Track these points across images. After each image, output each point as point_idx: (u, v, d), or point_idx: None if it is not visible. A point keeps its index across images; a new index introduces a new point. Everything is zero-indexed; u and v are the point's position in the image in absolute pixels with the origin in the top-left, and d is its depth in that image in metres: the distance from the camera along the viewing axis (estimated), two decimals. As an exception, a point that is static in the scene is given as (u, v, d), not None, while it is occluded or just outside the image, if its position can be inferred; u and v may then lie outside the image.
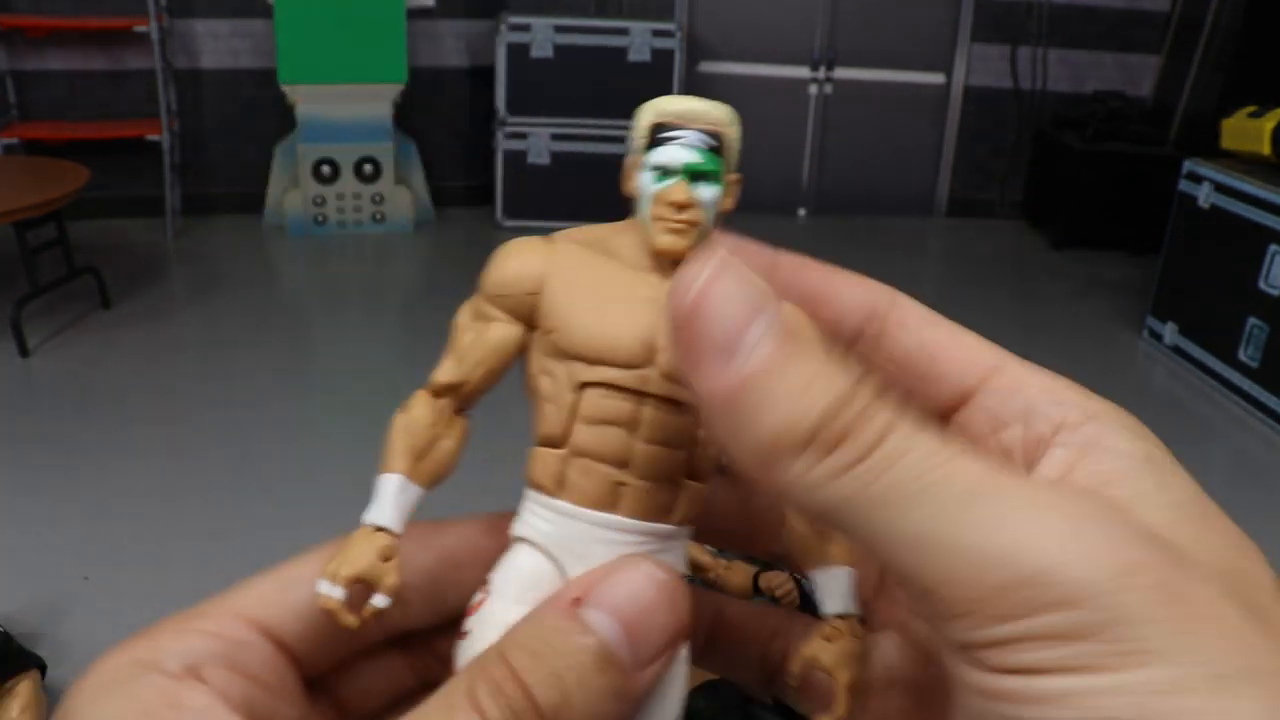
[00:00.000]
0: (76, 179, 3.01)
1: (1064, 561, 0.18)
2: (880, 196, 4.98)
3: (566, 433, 0.25)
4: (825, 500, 0.19)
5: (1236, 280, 2.99)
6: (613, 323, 0.25)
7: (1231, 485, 2.65)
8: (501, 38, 4.12)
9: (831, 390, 0.19)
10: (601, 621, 0.22)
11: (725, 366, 0.20)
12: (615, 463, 0.25)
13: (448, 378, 0.26)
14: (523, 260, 0.26)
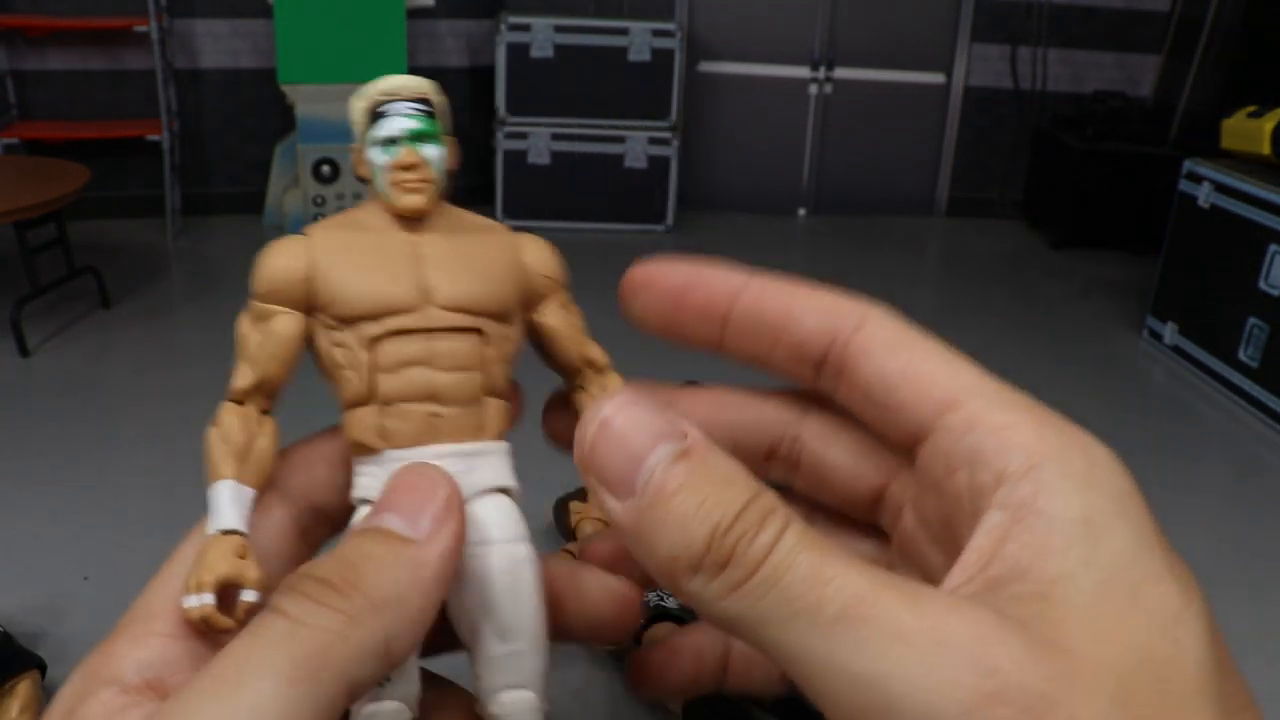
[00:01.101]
0: (76, 179, 3.01)
1: (910, 693, 0.19)
2: (880, 196, 4.98)
3: (373, 387, 0.27)
4: (722, 614, 0.21)
5: (1236, 280, 2.99)
6: (383, 278, 0.27)
7: (1231, 485, 2.65)
8: (501, 38, 4.12)
9: (718, 513, 0.21)
10: (374, 518, 0.24)
11: (625, 500, 0.22)
12: (424, 398, 0.27)
13: (245, 381, 0.27)
14: (284, 255, 0.27)
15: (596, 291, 2.23)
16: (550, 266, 0.30)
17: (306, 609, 0.21)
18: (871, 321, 0.26)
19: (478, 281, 0.28)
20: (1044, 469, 0.22)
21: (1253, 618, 2.04)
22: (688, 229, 4.50)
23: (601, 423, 0.23)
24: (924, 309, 4.04)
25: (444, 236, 0.28)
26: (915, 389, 0.24)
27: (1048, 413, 0.24)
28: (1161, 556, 0.21)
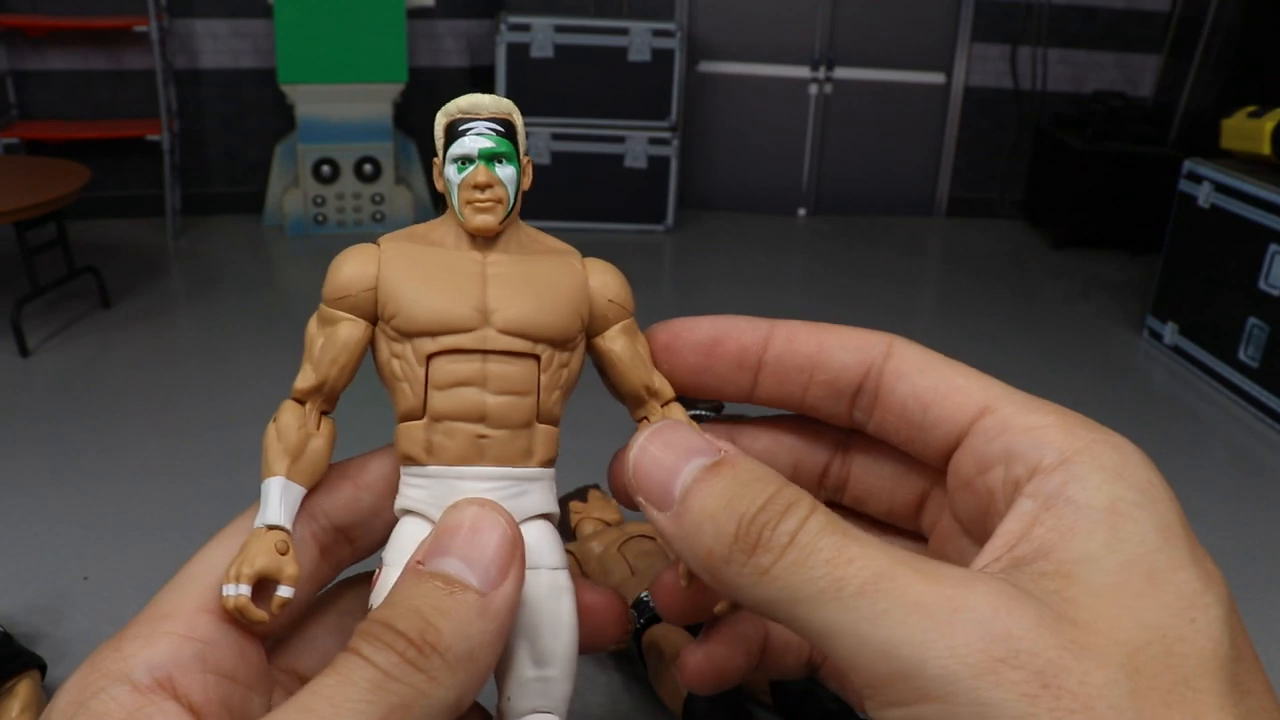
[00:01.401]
0: (76, 179, 3.01)
1: (927, 658, 0.20)
2: (880, 196, 4.99)
3: (423, 403, 0.27)
4: (757, 598, 0.23)
5: (1236, 280, 2.99)
6: (445, 296, 0.27)
7: (1231, 485, 2.65)
8: (501, 38, 4.12)
9: (744, 505, 0.23)
10: (443, 563, 0.24)
11: (665, 512, 0.24)
12: (473, 419, 0.27)
13: (307, 382, 0.27)
14: (355, 263, 0.28)
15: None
16: (618, 292, 0.31)
17: (393, 663, 0.23)
18: (898, 347, 0.28)
19: (540, 306, 0.28)
20: (1075, 463, 0.23)
21: (1253, 617, 2.04)
22: (688, 229, 4.50)
23: (642, 445, 0.25)
24: (924, 309, 4.04)
25: (512, 257, 0.28)
26: (949, 401, 0.26)
27: (1078, 416, 0.25)
28: (1184, 545, 0.23)
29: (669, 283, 4.20)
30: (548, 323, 0.28)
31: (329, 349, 0.27)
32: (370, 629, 0.23)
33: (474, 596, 0.24)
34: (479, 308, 0.27)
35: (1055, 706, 0.19)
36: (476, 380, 0.27)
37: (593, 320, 0.30)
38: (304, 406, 0.28)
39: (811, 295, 4.02)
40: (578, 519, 1.83)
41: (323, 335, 0.28)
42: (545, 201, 4.35)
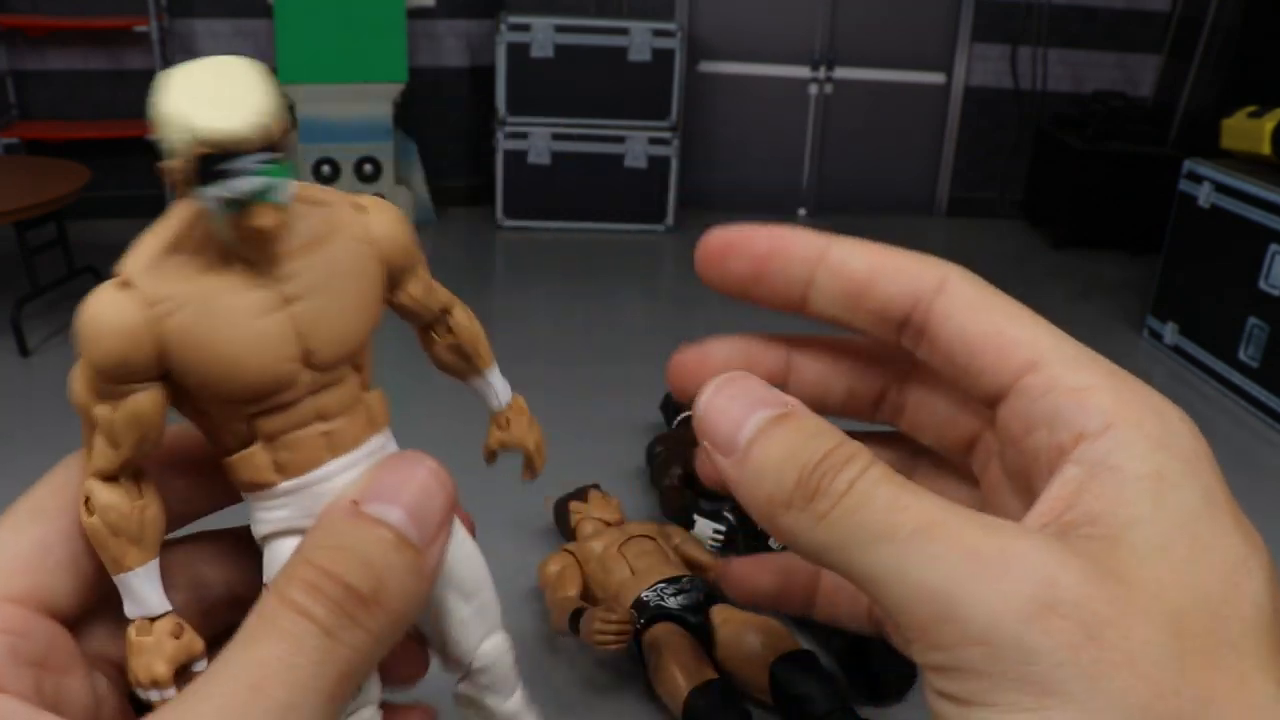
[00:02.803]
0: (76, 179, 3.01)
1: (975, 602, 0.20)
2: (880, 196, 4.99)
3: (252, 433, 0.25)
4: (812, 544, 0.23)
5: (1236, 280, 2.99)
6: (259, 362, 0.23)
7: (1231, 485, 2.65)
8: (501, 38, 4.12)
9: (806, 456, 0.23)
10: (387, 510, 0.23)
11: (730, 458, 0.24)
12: (310, 421, 0.25)
13: (110, 463, 0.24)
14: (116, 331, 0.22)
15: (596, 291, 2.26)
16: (403, 240, 0.27)
17: (342, 625, 0.22)
18: (951, 283, 0.27)
19: (352, 321, 0.25)
20: (1120, 429, 0.23)
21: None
22: (688, 229, 4.51)
23: (710, 396, 0.25)
24: (924, 309, 4.05)
25: (303, 265, 0.24)
26: (996, 351, 0.26)
27: (1126, 376, 0.25)
28: (1229, 514, 0.23)
29: (669, 283, 4.20)
30: (363, 331, 0.25)
31: (128, 429, 0.23)
32: (318, 581, 0.22)
33: (413, 553, 0.23)
34: (296, 358, 0.24)
35: (1099, 658, 0.19)
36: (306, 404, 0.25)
37: (390, 281, 0.27)
38: (117, 484, 0.24)
39: (811, 295, 4.02)
40: (578, 519, 1.83)
41: (107, 408, 0.23)
42: (545, 201, 4.35)
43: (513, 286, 3.91)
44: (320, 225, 0.25)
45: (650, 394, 2.55)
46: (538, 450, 0.32)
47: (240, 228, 0.23)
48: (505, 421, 0.31)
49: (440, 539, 0.24)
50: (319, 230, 0.25)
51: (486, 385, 0.31)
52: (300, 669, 0.21)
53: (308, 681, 0.21)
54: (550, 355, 3.14)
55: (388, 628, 0.22)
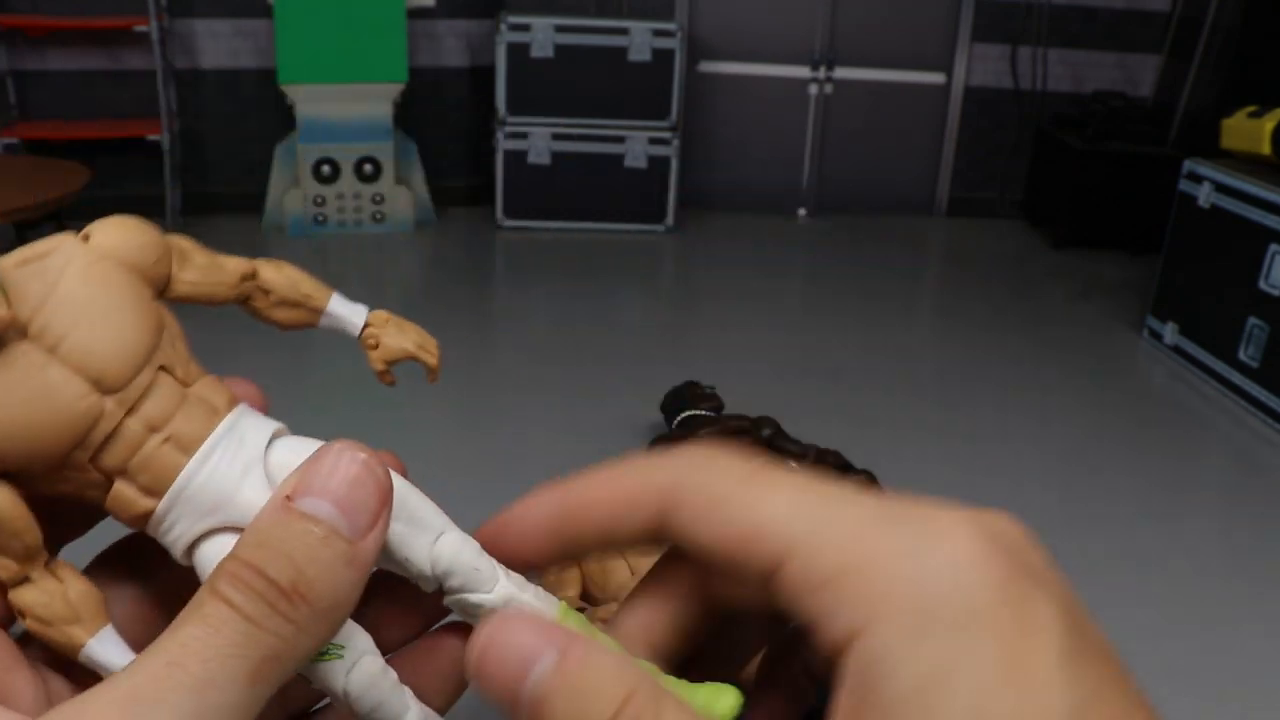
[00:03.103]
0: (76, 179, 3.01)
1: None
2: (880, 196, 4.98)
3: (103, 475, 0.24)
4: None
5: (1236, 280, 2.99)
6: (53, 421, 0.23)
7: (1231, 485, 2.65)
8: (501, 38, 4.12)
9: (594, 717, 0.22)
10: (317, 505, 0.23)
11: (513, 717, 0.23)
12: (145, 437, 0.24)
13: (8, 573, 0.24)
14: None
15: (596, 291, 2.27)
16: (137, 240, 0.26)
17: (264, 613, 0.22)
18: (687, 481, 0.25)
19: (125, 331, 0.24)
20: (874, 630, 0.21)
21: (1253, 617, 2.04)
22: (688, 229, 4.50)
23: (480, 652, 0.24)
24: (924, 309, 4.04)
25: (48, 311, 0.24)
26: (743, 551, 0.23)
27: (876, 530, 0.22)
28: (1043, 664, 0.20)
29: (669, 283, 4.20)
30: (140, 336, 0.25)
31: None
32: (239, 572, 0.22)
33: (344, 545, 0.23)
34: (88, 392, 0.24)
35: None
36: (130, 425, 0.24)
37: (155, 285, 0.26)
38: (31, 584, 0.24)
39: (812, 296, 4.02)
40: None
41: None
42: (545, 201, 4.35)
43: (513, 286, 3.90)
44: (51, 274, 0.24)
45: (650, 394, 2.55)
46: (421, 349, 0.31)
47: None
48: (374, 340, 0.30)
49: (376, 527, 0.24)
50: (50, 278, 0.24)
51: (335, 319, 0.30)
52: (218, 648, 0.22)
53: (225, 659, 0.22)
54: (550, 355, 3.14)
55: (312, 617, 0.23)
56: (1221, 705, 1.80)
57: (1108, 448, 2.72)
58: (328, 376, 3.03)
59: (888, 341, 3.42)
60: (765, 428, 2.27)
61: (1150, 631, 1.97)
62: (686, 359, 3.08)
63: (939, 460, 2.58)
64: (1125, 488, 2.51)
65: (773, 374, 3.02)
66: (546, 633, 0.23)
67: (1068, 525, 2.32)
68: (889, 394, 2.97)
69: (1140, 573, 2.16)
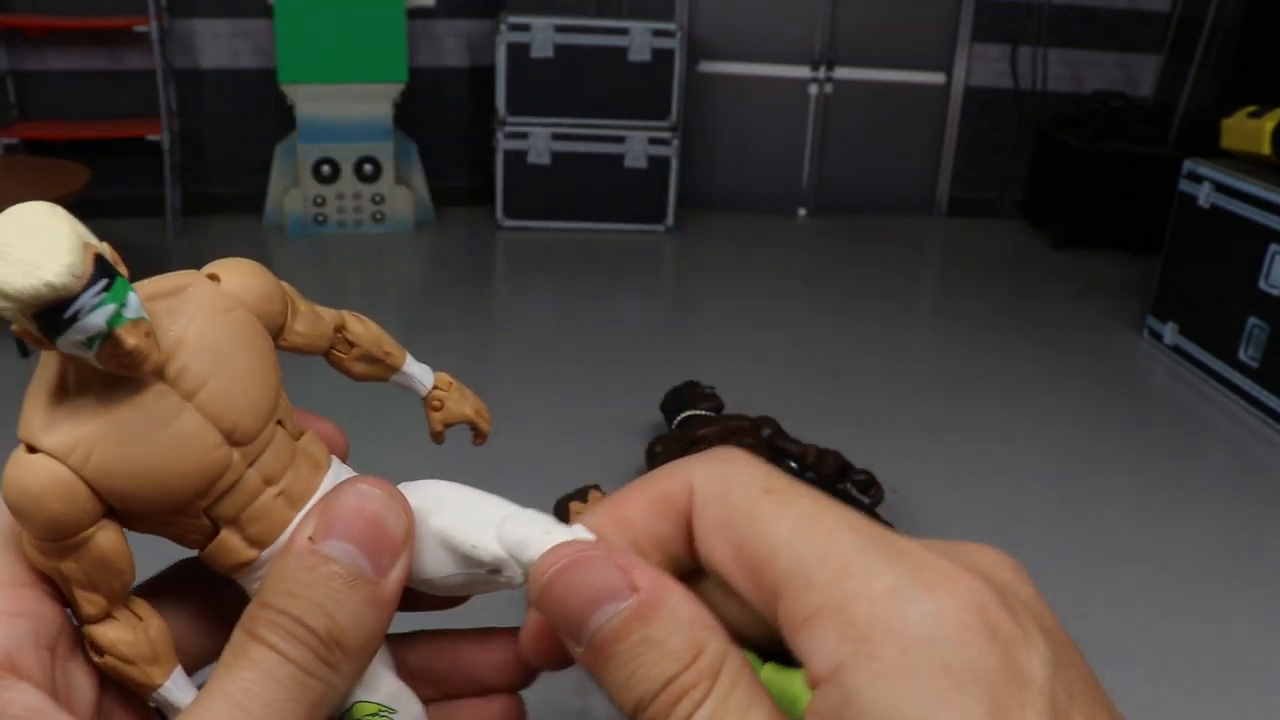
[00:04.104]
0: (76, 179, 3.02)
1: None
2: (880, 196, 4.98)
3: (214, 523, 0.25)
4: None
5: (1236, 280, 2.99)
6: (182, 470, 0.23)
7: (1231, 485, 2.65)
8: (501, 38, 4.12)
9: (642, 689, 0.22)
10: (338, 548, 0.24)
11: (579, 647, 0.23)
12: (261, 489, 0.25)
13: (99, 610, 0.24)
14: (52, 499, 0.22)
15: (596, 291, 2.27)
16: (266, 289, 0.27)
17: (308, 660, 0.23)
18: (700, 501, 0.25)
19: (259, 385, 0.25)
20: (847, 673, 0.20)
21: (1253, 617, 2.04)
22: (688, 229, 4.50)
23: (552, 576, 0.23)
24: (924, 309, 4.04)
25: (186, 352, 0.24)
26: (750, 579, 0.23)
27: (864, 567, 0.21)
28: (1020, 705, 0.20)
29: (669, 283, 4.20)
30: (270, 391, 0.25)
31: (100, 574, 0.24)
32: (278, 621, 0.23)
33: (369, 586, 0.24)
34: (220, 444, 0.24)
35: None
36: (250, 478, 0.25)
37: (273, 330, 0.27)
38: (113, 620, 0.24)
39: (812, 296, 4.02)
40: (577, 520, 1.83)
41: (74, 563, 0.23)
42: (545, 201, 4.35)
43: (513, 286, 3.90)
44: (188, 311, 0.25)
45: (650, 394, 2.55)
46: (478, 415, 0.32)
47: (112, 358, 0.22)
48: (438, 403, 0.31)
49: (399, 564, 0.24)
50: (188, 317, 0.25)
51: (407, 378, 0.31)
52: (275, 693, 0.23)
53: (284, 705, 0.23)
54: (550, 355, 3.14)
55: (346, 662, 0.24)
56: (1221, 705, 1.80)
57: (1108, 448, 2.72)
58: (325, 375, 3.03)
59: (888, 341, 3.42)
60: (765, 428, 2.27)
61: (1150, 631, 1.97)
62: (686, 359, 3.08)
63: (939, 460, 2.58)
64: (1125, 488, 2.51)
65: (773, 374, 3.02)
66: (625, 567, 0.23)
67: (1068, 525, 2.32)
68: (889, 394, 2.97)
69: (1140, 573, 2.16)
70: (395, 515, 0.25)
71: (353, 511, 0.24)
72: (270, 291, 0.27)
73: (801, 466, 2.17)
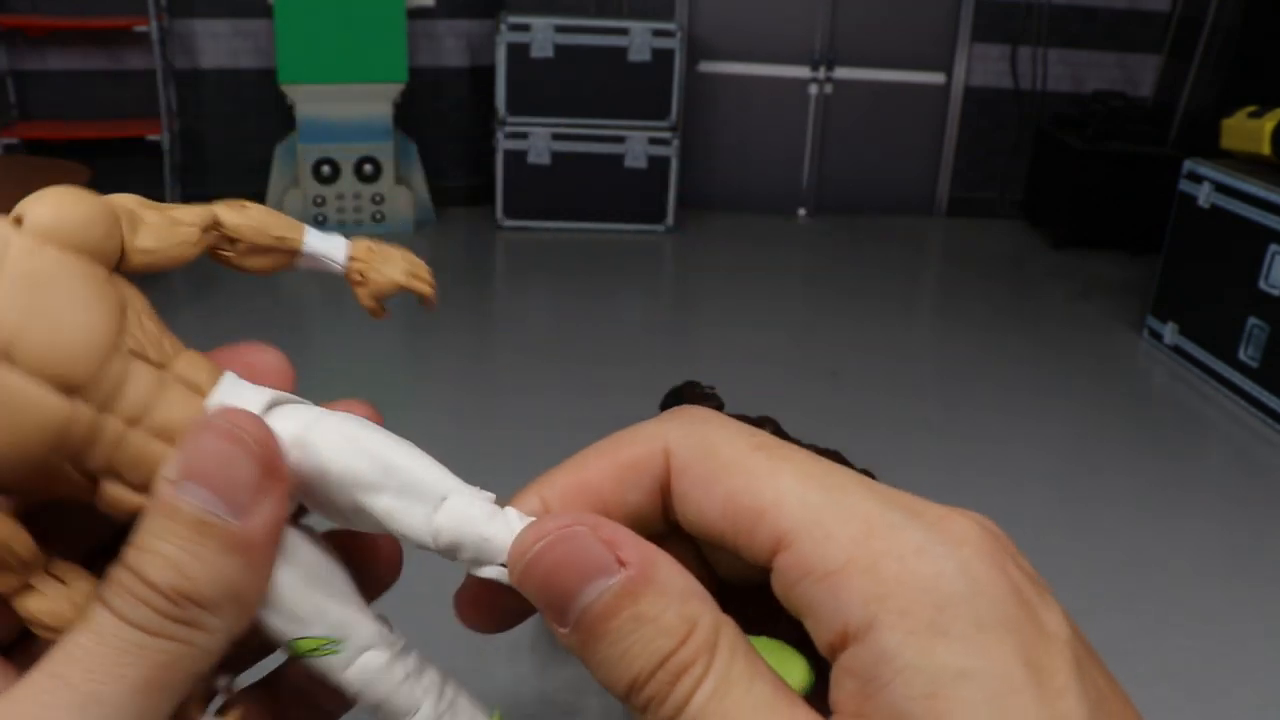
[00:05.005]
0: (76, 179, 3.01)
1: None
2: (880, 196, 4.98)
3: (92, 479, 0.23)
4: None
5: (1236, 280, 2.99)
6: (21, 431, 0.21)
7: (1231, 485, 2.65)
8: (501, 38, 4.12)
9: (638, 666, 0.21)
10: (186, 491, 0.22)
11: (564, 629, 0.22)
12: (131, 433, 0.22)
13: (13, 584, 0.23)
14: None
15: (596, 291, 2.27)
16: (74, 213, 0.23)
17: (150, 618, 0.21)
18: (674, 459, 0.24)
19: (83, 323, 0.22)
20: (882, 631, 0.20)
21: (1253, 617, 2.04)
22: (688, 229, 4.50)
23: (534, 554, 0.22)
24: (924, 309, 4.04)
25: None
26: (743, 530, 0.22)
27: (891, 530, 0.21)
28: (1059, 675, 0.20)
29: (669, 283, 4.20)
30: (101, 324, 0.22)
31: None
32: (122, 579, 0.21)
33: (224, 531, 0.21)
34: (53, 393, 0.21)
35: None
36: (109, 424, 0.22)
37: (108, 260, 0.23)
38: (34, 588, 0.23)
39: (812, 296, 4.02)
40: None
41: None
42: (545, 201, 4.35)
43: (513, 286, 3.90)
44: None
45: (650, 394, 2.55)
46: (411, 278, 0.28)
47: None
48: (359, 275, 0.28)
49: (263, 503, 0.22)
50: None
51: (313, 259, 0.28)
52: (104, 658, 0.21)
53: (112, 670, 0.21)
54: (550, 355, 3.14)
55: (209, 616, 0.21)
56: (1221, 705, 1.80)
57: (1108, 448, 2.72)
58: (325, 375, 3.03)
59: (888, 341, 3.42)
60: (765, 428, 2.28)
61: (1150, 631, 1.97)
62: (686, 359, 3.08)
63: (939, 460, 2.58)
64: (1125, 488, 2.51)
65: (773, 374, 3.02)
66: (611, 541, 0.22)
67: (1068, 525, 2.32)
68: (889, 394, 2.97)
69: (1140, 573, 2.16)
70: (242, 449, 0.22)
71: (202, 449, 0.22)
72: (87, 216, 0.23)
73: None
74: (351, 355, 3.14)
